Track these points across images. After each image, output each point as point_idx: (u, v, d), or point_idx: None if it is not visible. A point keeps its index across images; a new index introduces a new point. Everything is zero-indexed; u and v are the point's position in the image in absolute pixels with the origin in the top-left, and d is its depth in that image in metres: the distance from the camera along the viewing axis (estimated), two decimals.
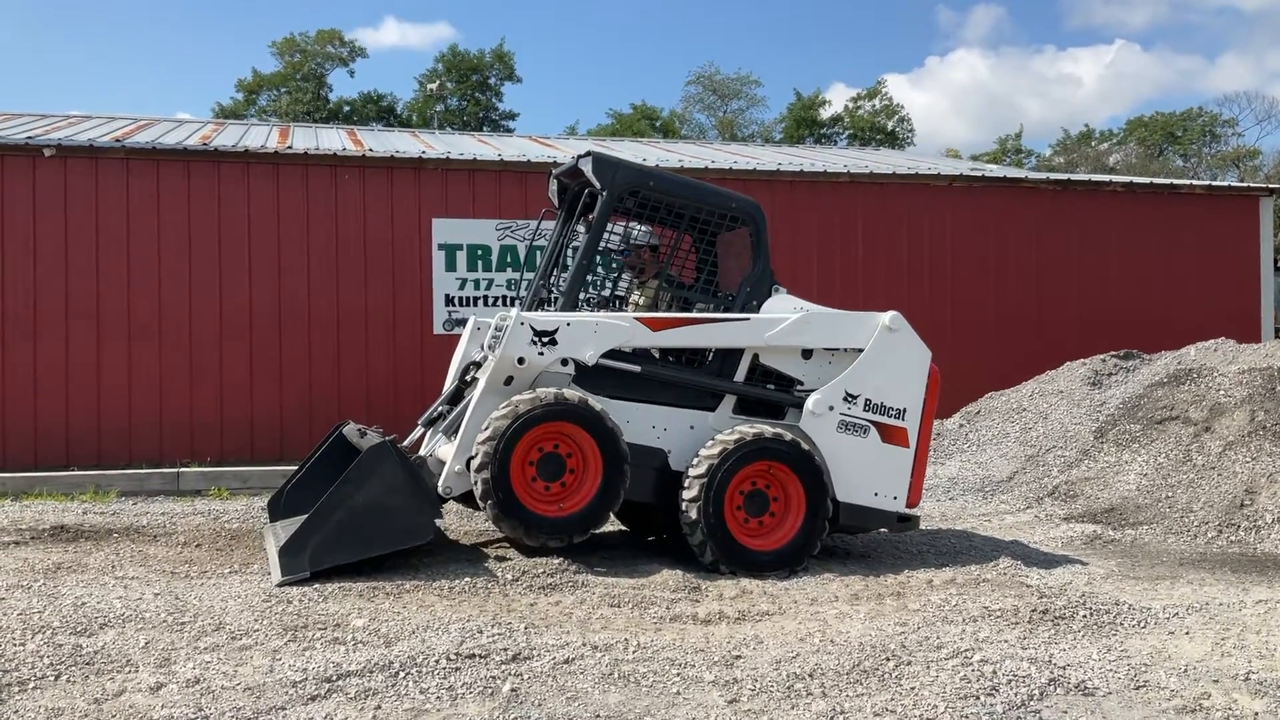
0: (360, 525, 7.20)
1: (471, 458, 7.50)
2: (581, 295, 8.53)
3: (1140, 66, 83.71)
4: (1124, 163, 48.72)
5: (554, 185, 8.96)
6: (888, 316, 8.34)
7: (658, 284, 8.54)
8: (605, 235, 8.48)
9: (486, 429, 7.45)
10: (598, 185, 8.12)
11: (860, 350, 8.28)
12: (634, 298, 8.93)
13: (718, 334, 8.16)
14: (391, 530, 7.29)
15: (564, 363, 7.76)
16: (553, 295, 8.67)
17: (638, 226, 8.81)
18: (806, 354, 8.31)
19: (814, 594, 7.17)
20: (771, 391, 8.26)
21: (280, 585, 6.95)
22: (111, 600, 6.43)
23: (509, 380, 7.78)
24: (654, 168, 8.59)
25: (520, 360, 7.74)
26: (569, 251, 8.74)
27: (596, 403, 7.59)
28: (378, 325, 14.56)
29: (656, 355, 8.26)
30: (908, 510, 8.39)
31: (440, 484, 7.65)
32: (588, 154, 8.21)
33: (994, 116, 78.68)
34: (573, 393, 7.57)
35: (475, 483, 7.44)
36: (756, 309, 8.30)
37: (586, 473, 7.59)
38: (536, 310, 8.63)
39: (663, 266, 8.59)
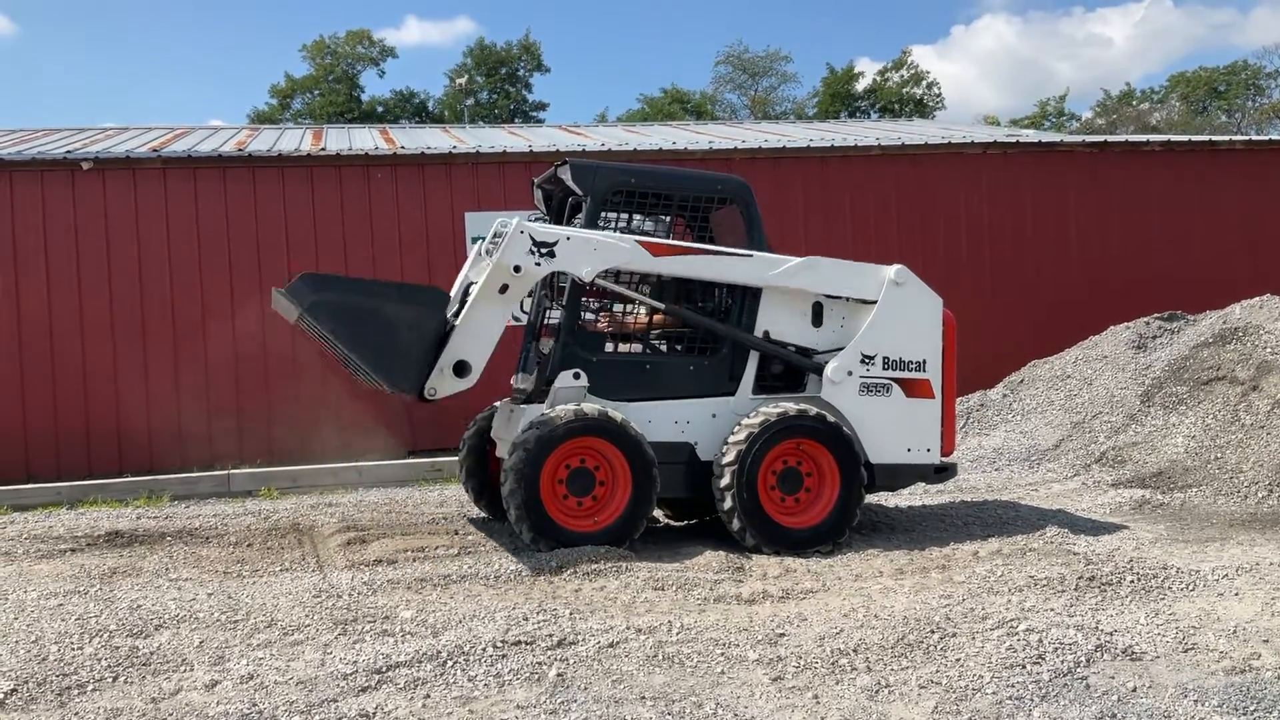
0: (368, 324, 7.29)
1: (463, 362, 7.63)
2: (583, 301, 8.45)
3: (1172, 23, 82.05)
4: (1167, 120, 47.87)
5: (538, 194, 8.97)
6: (893, 270, 8.30)
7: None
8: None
9: (512, 455, 7.51)
10: (580, 192, 8.17)
11: (866, 302, 8.26)
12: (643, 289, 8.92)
13: (722, 267, 8.16)
14: (382, 353, 7.35)
15: (576, 376, 7.78)
16: (556, 303, 8.66)
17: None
18: (816, 321, 8.29)
19: (858, 570, 7.17)
20: (791, 353, 8.22)
21: (275, 289, 7.32)
22: (166, 602, 6.57)
23: (504, 288, 7.82)
24: (633, 164, 8.58)
25: (516, 268, 7.77)
26: None
27: (617, 413, 7.63)
28: None
29: (660, 345, 8.27)
30: (943, 460, 8.37)
31: (427, 385, 7.68)
32: (565, 162, 8.25)
33: (1024, 82, 77.54)
34: (592, 406, 7.62)
35: (508, 508, 7.55)
36: (759, 288, 8.26)
37: (616, 484, 7.66)
38: (542, 324, 8.69)
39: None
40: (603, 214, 8.36)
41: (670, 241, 8.14)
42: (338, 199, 14.58)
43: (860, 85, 51.48)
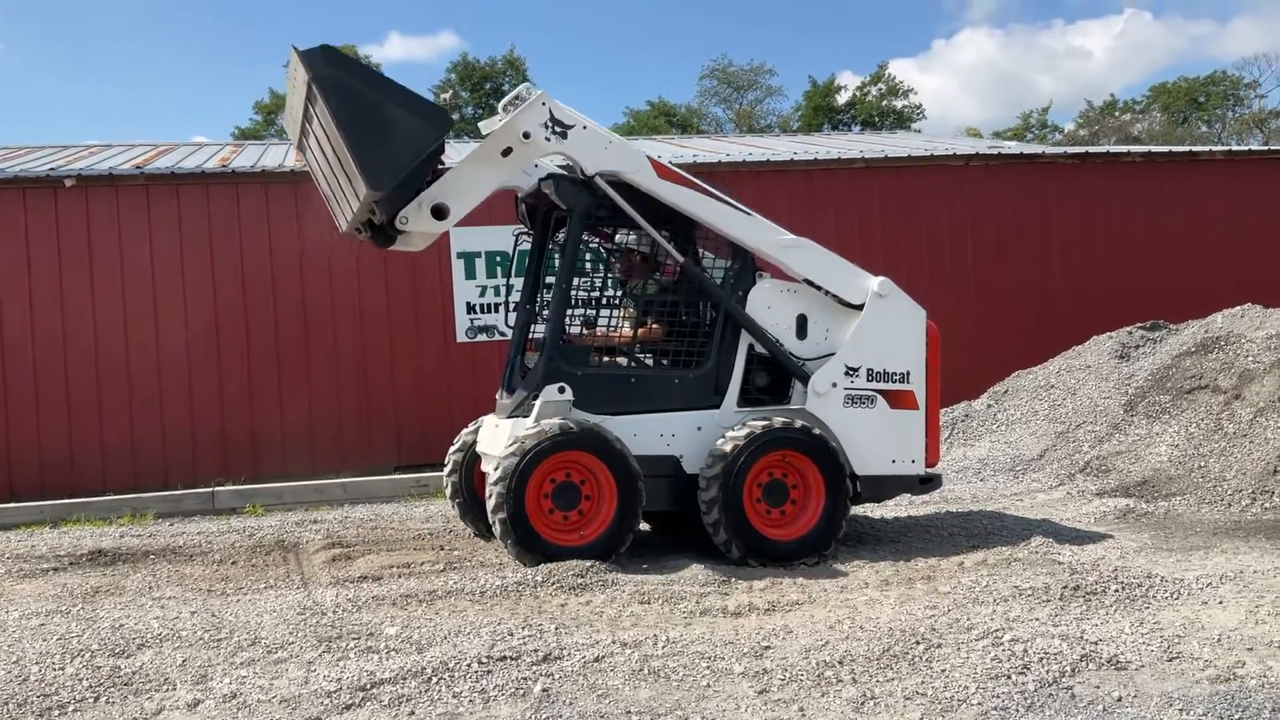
0: (369, 116, 7.21)
1: (443, 206, 7.63)
2: (568, 315, 8.45)
3: (1151, 35, 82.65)
4: (1148, 131, 48.22)
5: (522, 208, 8.92)
6: (876, 282, 8.33)
7: (644, 290, 8.45)
8: (583, 247, 8.47)
9: (497, 469, 7.46)
10: (564, 206, 8.15)
11: (847, 304, 8.29)
12: (626, 307, 8.91)
13: (719, 212, 8.16)
14: (369, 148, 7.22)
15: (561, 389, 7.75)
16: (540, 317, 8.64)
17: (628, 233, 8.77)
18: (801, 333, 8.30)
19: (844, 581, 7.17)
20: (779, 347, 8.20)
21: (293, 46, 7.27)
22: (149, 621, 6.53)
23: (508, 151, 7.82)
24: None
25: (526, 135, 7.79)
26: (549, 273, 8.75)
27: (602, 426, 7.64)
28: (402, 336, 14.65)
29: (647, 358, 8.26)
30: (928, 471, 8.40)
31: (401, 213, 7.63)
32: (549, 176, 8.21)
33: (1006, 94, 78.01)
34: (577, 420, 7.61)
35: (493, 523, 7.53)
36: (743, 299, 8.27)
37: (602, 497, 7.64)
38: (528, 334, 8.69)
39: (650, 274, 8.54)
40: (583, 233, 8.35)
41: (679, 170, 8.14)
42: (323, 214, 14.52)
43: (841, 99, 51.67)
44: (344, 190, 7.82)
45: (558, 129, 7.83)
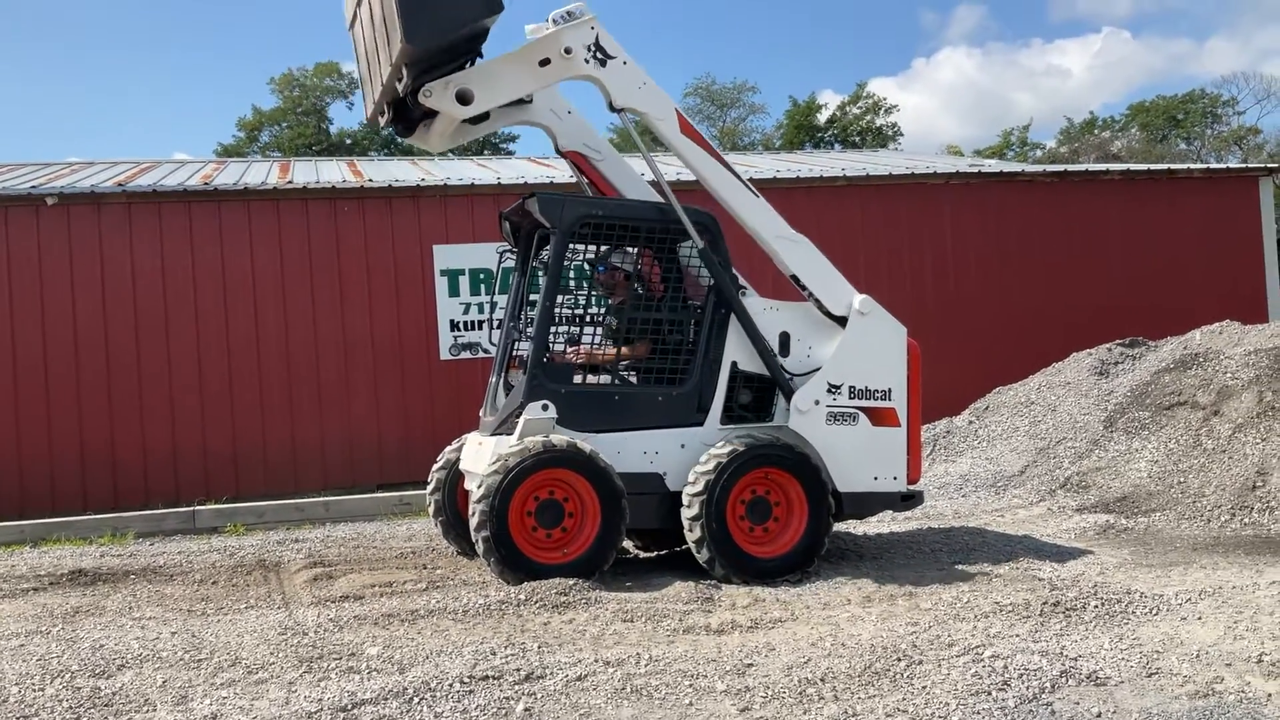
0: None
1: (468, 92, 7.63)
2: (551, 332, 8.44)
3: (1129, 53, 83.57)
4: (1128, 148, 48.60)
5: (506, 226, 8.95)
6: (858, 300, 8.38)
7: (628, 308, 8.48)
8: (567, 265, 8.50)
9: (480, 487, 7.47)
10: (547, 224, 8.17)
11: (827, 313, 8.35)
12: (610, 321, 8.92)
13: (729, 184, 8.30)
14: (415, 3, 7.16)
15: (544, 407, 7.74)
16: (524, 335, 8.66)
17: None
18: (784, 350, 8.34)
19: (826, 598, 7.19)
20: (772, 358, 8.21)
21: None
22: (129, 641, 6.49)
23: (545, 62, 7.86)
24: (600, 196, 8.50)
25: (567, 50, 7.84)
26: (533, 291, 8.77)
27: (585, 444, 7.64)
28: (385, 354, 14.65)
29: (629, 376, 8.29)
30: (910, 488, 8.43)
31: (427, 85, 7.62)
32: (533, 195, 8.24)
33: (986, 112, 78.72)
34: (560, 437, 7.62)
35: (476, 541, 7.51)
36: (725, 316, 8.30)
37: (585, 515, 7.63)
38: (512, 352, 8.70)
39: (634, 291, 8.56)
40: (570, 246, 8.38)
41: (701, 133, 8.26)
42: (305, 232, 14.56)
43: (824, 117, 51.90)
44: (379, 58, 7.76)
45: (599, 55, 7.90)
